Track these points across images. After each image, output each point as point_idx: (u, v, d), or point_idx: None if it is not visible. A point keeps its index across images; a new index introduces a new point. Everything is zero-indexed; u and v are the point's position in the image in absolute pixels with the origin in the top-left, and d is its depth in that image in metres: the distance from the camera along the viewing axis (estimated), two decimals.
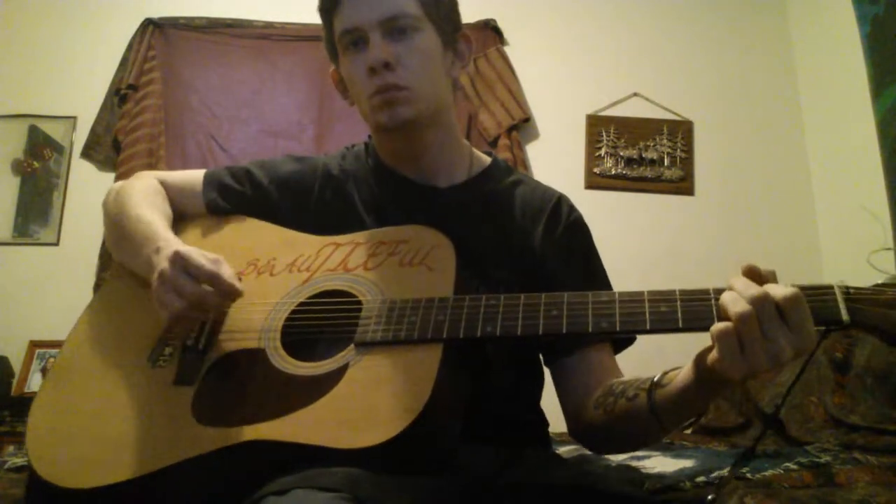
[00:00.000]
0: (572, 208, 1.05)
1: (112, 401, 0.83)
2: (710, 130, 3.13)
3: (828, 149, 2.98)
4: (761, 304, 0.63)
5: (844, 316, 0.65)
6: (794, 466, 1.23)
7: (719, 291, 0.69)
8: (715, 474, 1.17)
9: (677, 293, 0.72)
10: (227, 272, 0.84)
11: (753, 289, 0.64)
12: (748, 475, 1.14)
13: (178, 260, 0.83)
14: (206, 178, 1.07)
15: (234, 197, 1.05)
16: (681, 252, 2.94)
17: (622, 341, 0.99)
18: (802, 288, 0.66)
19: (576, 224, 1.03)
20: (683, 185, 3.06)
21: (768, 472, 1.17)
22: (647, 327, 0.71)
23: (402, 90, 0.93)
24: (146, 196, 1.02)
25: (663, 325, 0.71)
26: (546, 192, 1.06)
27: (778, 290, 0.64)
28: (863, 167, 2.54)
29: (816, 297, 0.66)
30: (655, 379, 0.79)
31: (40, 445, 0.80)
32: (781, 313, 0.63)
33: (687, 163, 3.08)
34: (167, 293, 0.83)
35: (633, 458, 1.43)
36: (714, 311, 0.69)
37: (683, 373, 0.74)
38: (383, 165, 1.05)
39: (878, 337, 0.67)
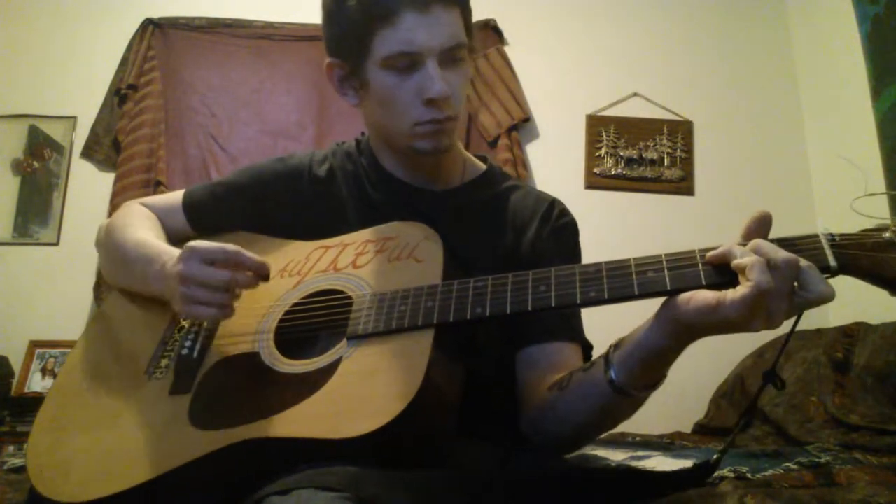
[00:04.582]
0: (563, 212, 1.05)
1: (110, 415, 0.83)
2: (710, 130, 3.12)
3: (828, 149, 2.98)
4: (794, 265, 0.64)
5: (832, 262, 0.66)
6: (794, 466, 1.23)
7: (704, 251, 0.70)
8: (716, 473, 1.17)
9: (663, 257, 0.73)
10: (243, 249, 0.84)
11: (785, 252, 0.65)
12: (748, 475, 1.14)
13: (192, 254, 0.82)
14: (186, 197, 1.07)
15: (217, 211, 1.05)
16: None
17: (588, 350, 0.98)
18: (786, 238, 0.67)
19: (565, 226, 1.03)
20: (683, 185, 3.06)
21: (768, 472, 1.16)
22: (636, 292, 0.71)
23: (452, 121, 0.93)
24: (138, 221, 1.02)
25: (652, 289, 0.71)
26: (540, 196, 1.06)
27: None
28: (863, 167, 2.54)
29: (802, 247, 0.67)
30: (613, 343, 0.78)
31: (41, 464, 0.80)
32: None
33: (687, 163, 3.08)
34: (195, 290, 0.81)
35: (632, 458, 1.43)
36: (701, 272, 0.69)
37: (645, 327, 0.74)
38: (380, 167, 1.04)
39: (874, 283, 0.67)
